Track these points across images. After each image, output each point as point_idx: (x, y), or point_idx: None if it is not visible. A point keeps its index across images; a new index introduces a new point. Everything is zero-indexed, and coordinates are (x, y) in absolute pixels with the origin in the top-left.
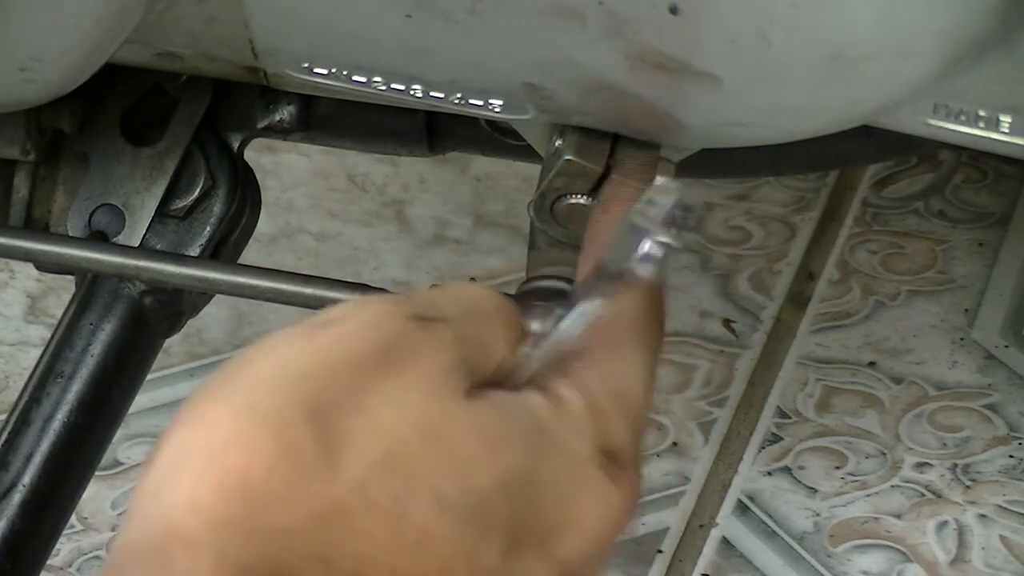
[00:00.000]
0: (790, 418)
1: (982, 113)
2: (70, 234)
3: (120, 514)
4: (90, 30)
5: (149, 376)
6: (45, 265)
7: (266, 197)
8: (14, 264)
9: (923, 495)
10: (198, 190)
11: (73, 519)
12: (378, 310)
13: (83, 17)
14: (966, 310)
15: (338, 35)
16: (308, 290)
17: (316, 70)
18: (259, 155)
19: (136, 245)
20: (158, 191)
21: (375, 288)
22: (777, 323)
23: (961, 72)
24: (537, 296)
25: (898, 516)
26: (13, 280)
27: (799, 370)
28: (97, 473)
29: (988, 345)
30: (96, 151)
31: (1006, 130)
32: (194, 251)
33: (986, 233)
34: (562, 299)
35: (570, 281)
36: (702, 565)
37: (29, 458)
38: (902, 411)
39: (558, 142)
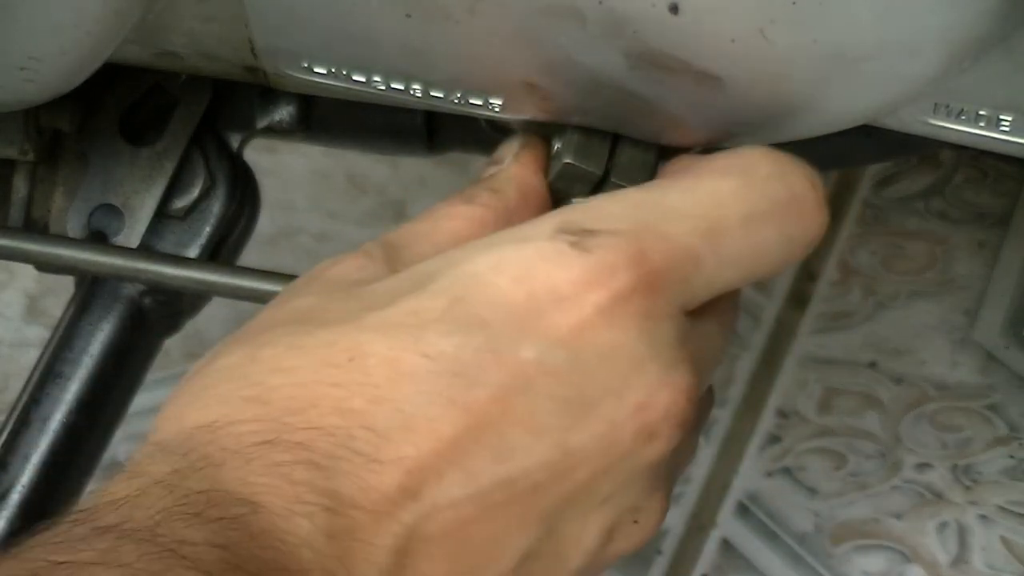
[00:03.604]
0: (790, 418)
1: (982, 112)
2: (69, 234)
3: None
4: (90, 30)
5: (149, 376)
6: (44, 266)
7: (266, 197)
8: (13, 264)
9: (923, 496)
10: (197, 190)
11: None
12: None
13: (83, 17)
14: (966, 310)
15: (338, 35)
16: None
17: (316, 70)
18: (259, 155)
19: (135, 245)
20: (157, 191)
21: None
22: (777, 323)
23: (962, 71)
24: None
25: (899, 517)
26: (12, 280)
27: (799, 370)
28: (97, 473)
29: (989, 346)
30: (95, 151)
31: (1006, 129)
32: (193, 251)
33: (986, 233)
34: None
35: None
36: (702, 566)
37: (28, 458)
38: (902, 412)
39: (557, 145)
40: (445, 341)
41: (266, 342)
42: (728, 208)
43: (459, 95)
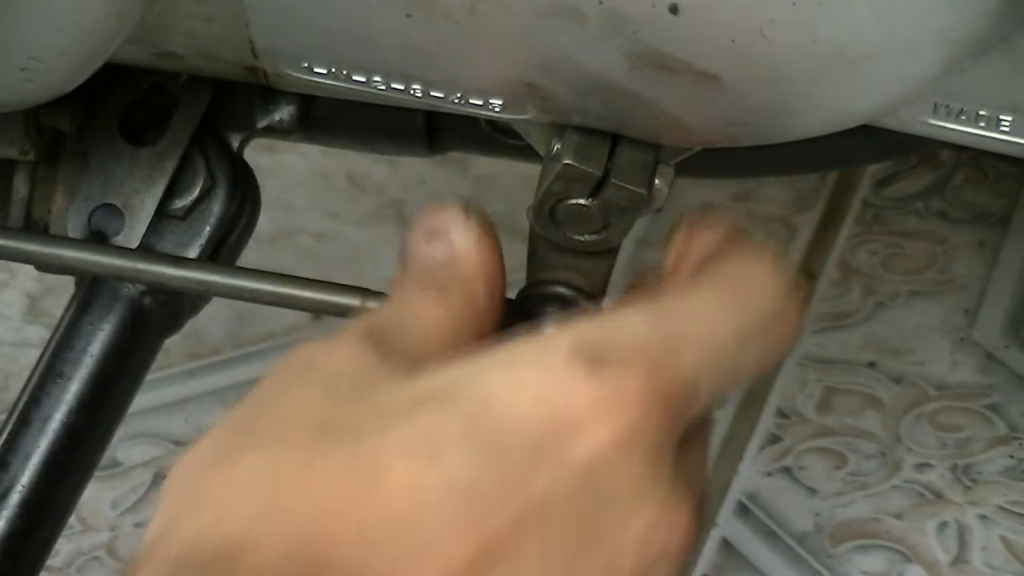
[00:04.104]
0: (790, 418)
1: (982, 113)
2: (69, 234)
3: (120, 514)
4: (90, 30)
5: (149, 376)
6: (44, 266)
7: (266, 197)
8: (14, 264)
9: (923, 495)
10: (198, 190)
11: (73, 519)
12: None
13: (83, 17)
14: (966, 310)
15: (338, 35)
16: (307, 294)
17: (316, 70)
18: (259, 155)
19: (135, 245)
20: (157, 191)
21: (374, 292)
22: None
23: (962, 71)
24: (537, 302)
25: (898, 516)
26: (13, 280)
27: (799, 370)
28: (97, 473)
29: (988, 345)
30: (95, 151)
31: (1006, 129)
32: (193, 251)
33: (986, 233)
34: (561, 304)
35: (569, 286)
36: (702, 566)
37: (28, 458)
38: (902, 411)
39: (557, 145)
40: (464, 466)
41: (284, 452)
42: (722, 329)
43: (459, 95)
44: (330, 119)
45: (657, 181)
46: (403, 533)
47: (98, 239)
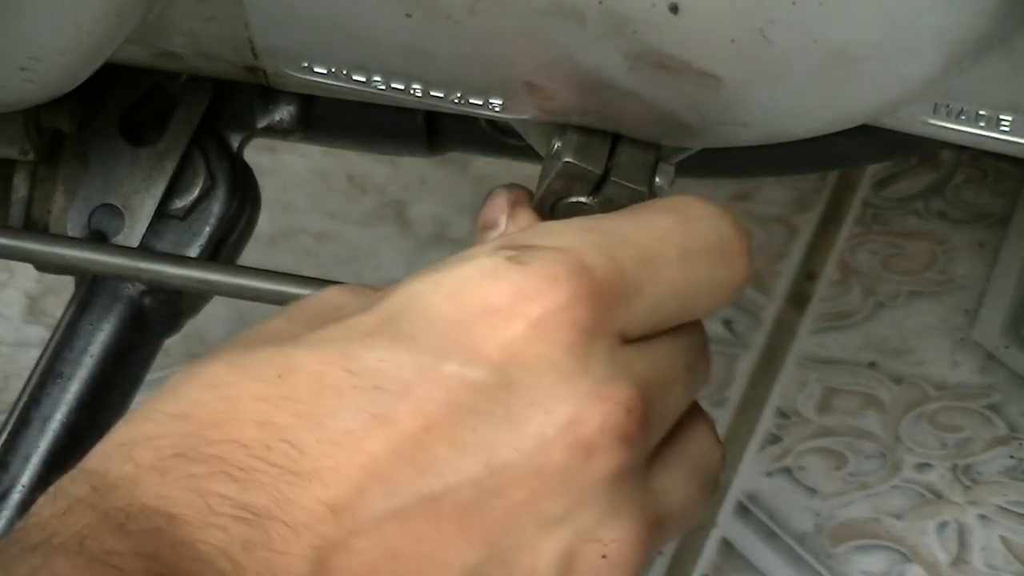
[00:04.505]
0: (790, 418)
1: (982, 112)
2: (69, 234)
3: None
4: (90, 30)
5: (149, 376)
6: (44, 266)
7: (266, 197)
8: (13, 264)
9: (923, 495)
10: (197, 190)
11: None
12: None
13: (82, 17)
14: (966, 310)
15: (338, 35)
16: (308, 292)
17: (316, 70)
18: (259, 155)
19: (135, 245)
20: (157, 191)
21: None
22: (777, 323)
23: (962, 72)
24: None
25: (898, 517)
26: (13, 280)
27: (799, 370)
28: None
29: (989, 345)
30: (95, 151)
31: (1006, 129)
32: (193, 251)
33: (986, 233)
34: None
35: None
36: (702, 566)
37: (28, 458)
38: (902, 411)
39: (557, 144)
40: (370, 355)
41: (209, 360)
42: (667, 242)
43: (459, 95)
44: (330, 119)
45: (658, 179)
46: (306, 418)
47: (98, 239)
